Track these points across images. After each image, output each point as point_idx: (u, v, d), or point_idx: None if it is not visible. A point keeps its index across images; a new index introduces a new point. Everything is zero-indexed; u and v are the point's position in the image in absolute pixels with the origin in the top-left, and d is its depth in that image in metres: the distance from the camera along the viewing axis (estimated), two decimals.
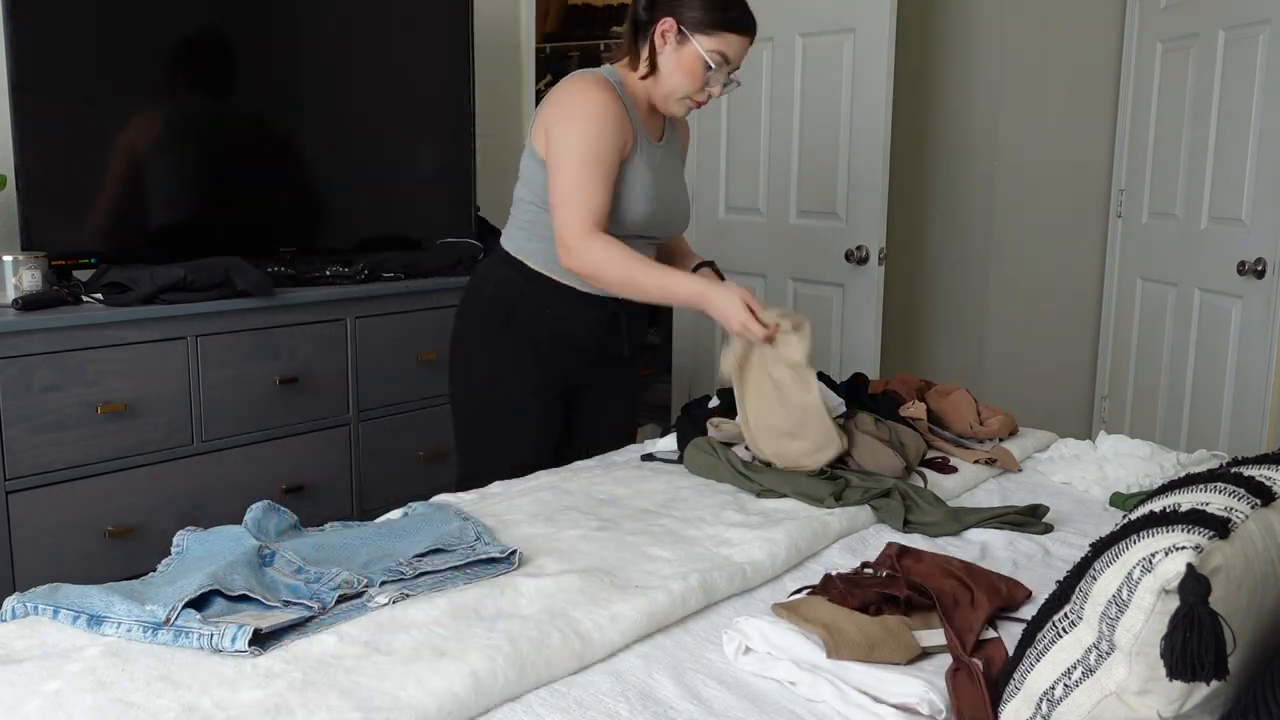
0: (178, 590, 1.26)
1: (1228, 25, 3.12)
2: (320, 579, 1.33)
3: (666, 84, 2.01)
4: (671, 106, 2.05)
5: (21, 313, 2.26)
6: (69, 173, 2.53)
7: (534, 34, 3.75)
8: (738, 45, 1.99)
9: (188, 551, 1.45)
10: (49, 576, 2.14)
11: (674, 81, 2.00)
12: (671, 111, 2.07)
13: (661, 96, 2.03)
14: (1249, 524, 1.00)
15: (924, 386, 2.31)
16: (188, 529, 1.50)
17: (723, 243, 3.74)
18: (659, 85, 2.02)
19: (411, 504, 1.68)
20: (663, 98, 2.03)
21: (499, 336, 2.10)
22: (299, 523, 1.60)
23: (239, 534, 1.47)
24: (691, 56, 1.97)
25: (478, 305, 2.14)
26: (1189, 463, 1.98)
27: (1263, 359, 2.98)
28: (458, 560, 1.40)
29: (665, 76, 2.01)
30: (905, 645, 1.23)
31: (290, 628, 1.22)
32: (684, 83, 2.00)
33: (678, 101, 2.03)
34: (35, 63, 2.44)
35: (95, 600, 1.25)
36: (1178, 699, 0.96)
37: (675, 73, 1.99)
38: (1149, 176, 3.53)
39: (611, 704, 1.15)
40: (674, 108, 2.05)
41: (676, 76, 1.99)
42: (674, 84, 2.01)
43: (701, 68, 1.98)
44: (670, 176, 2.13)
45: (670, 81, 2.01)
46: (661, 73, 2.01)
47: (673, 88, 2.01)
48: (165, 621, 1.20)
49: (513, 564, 1.43)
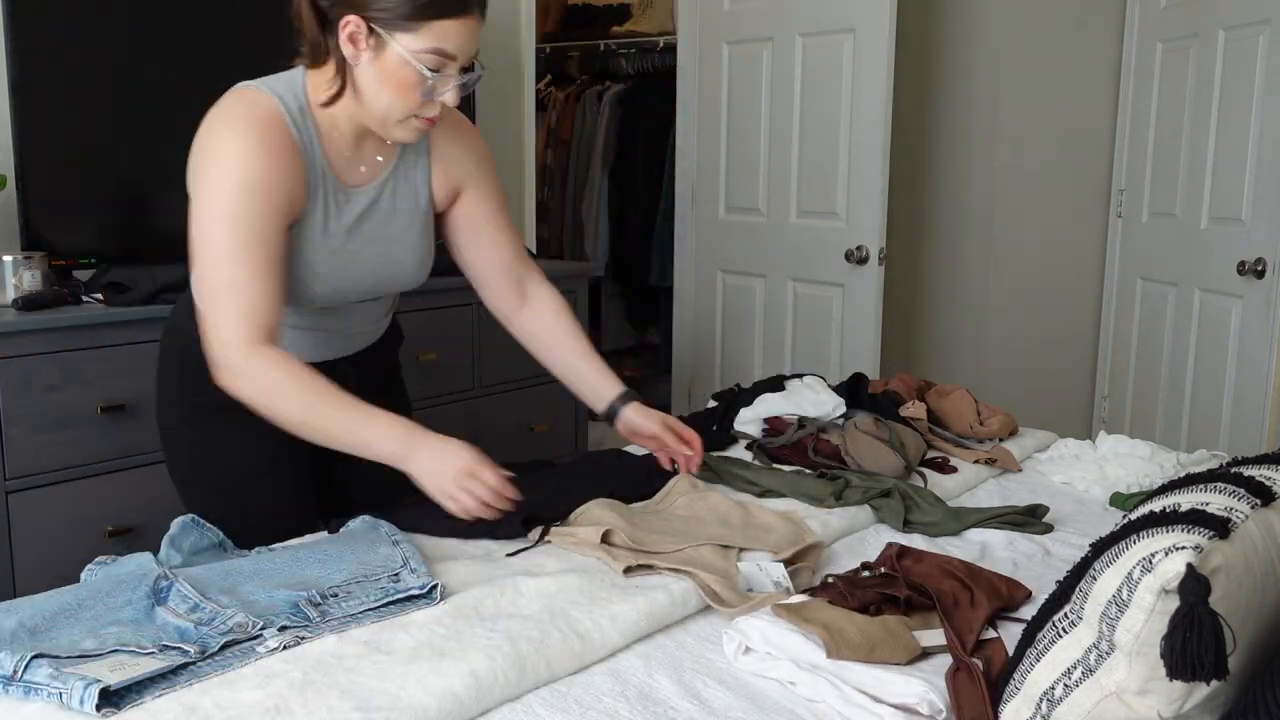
0: (37, 642, 1.17)
1: (1228, 25, 3.12)
2: (213, 619, 1.23)
3: (374, 105, 1.44)
4: (395, 133, 1.48)
5: (21, 313, 2.25)
6: (69, 173, 2.52)
7: (534, 34, 3.75)
8: (459, 32, 1.40)
9: (87, 585, 1.33)
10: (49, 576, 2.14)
11: (383, 100, 1.43)
12: (398, 138, 1.50)
13: (377, 122, 1.47)
14: (1249, 524, 1.00)
15: (924, 386, 2.31)
16: (99, 559, 1.42)
17: (723, 243, 3.75)
18: (364, 108, 1.45)
19: (351, 521, 1.56)
20: (379, 123, 1.47)
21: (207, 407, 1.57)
22: (224, 541, 1.52)
23: (144, 564, 1.38)
24: (397, 66, 1.40)
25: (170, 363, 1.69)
26: (1189, 463, 1.98)
27: (1263, 359, 2.98)
28: (372, 601, 1.30)
29: (370, 96, 1.43)
30: (905, 646, 1.23)
31: (160, 676, 1.12)
32: (397, 100, 1.43)
33: (398, 125, 1.46)
34: (35, 63, 2.43)
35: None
36: (1178, 699, 0.96)
37: (381, 89, 1.42)
38: (1149, 176, 3.53)
39: (611, 704, 1.15)
40: (400, 133, 1.48)
41: (384, 94, 1.42)
42: (384, 103, 1.43)
43: (415, 76, 1.40)
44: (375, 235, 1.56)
45: (378, 101, 1.43)
46: (363, 91, 1.43)
47: (385, 109, 1.44)
48: (12, 675, 1.09)
49: (434, 599, 1.32)
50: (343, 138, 1.52)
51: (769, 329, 3.64)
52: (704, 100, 3.73)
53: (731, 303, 3.76)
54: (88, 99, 2.55)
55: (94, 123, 2.56)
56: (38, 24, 2.43)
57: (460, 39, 1.41)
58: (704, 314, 3.85)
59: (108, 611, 1.27)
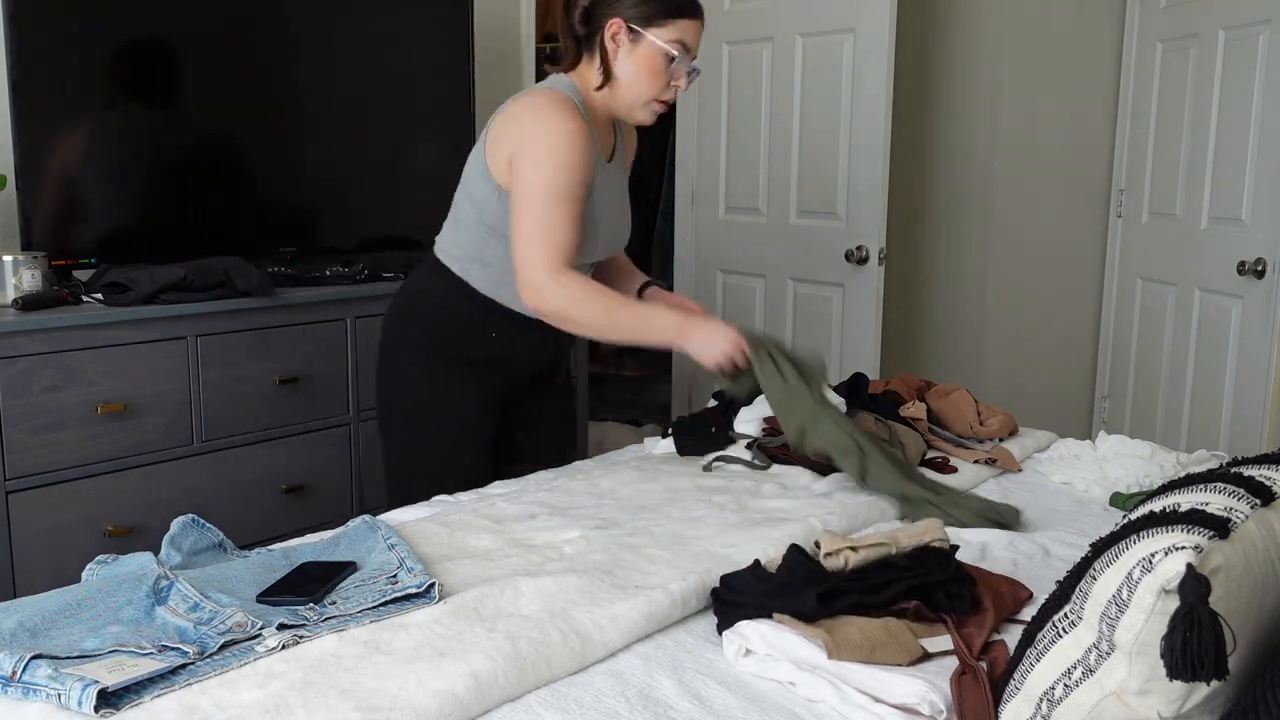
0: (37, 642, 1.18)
1: (1228, 25, 3.12)
2: (213, 619, 1.24)
3: (629, 91, 1.88)
4: (638, 114, 1.93)
5: (21, 313, 2.25)
6: (69, 173, 2.53)
7: (534, 34, 3.75)
8: (694, 30, 1.87)
9: (87, 585, 1.34)
10: (49, 576, 2.14)
11: (637, 86, 1.87)
12: (639, 120, 1.94)
13: (626, 106, 1.91)
14: (1249, 524, 1.00)
15: (924, 386, 2.31)
16: (99, 559, 1.43)
17: (723, 243, 3.75)
18: (619, 94, 1.89)
19: (351, 521, 1.60)
20: (627, 107, 1.91)
21: (436, 351, 2.00)
22: (224, 541, 1.53)
23: (145, 563, 1.39)
24: (650, 53, 1.84)
25: (413, 319, 2.03)
26: (1189, 463, 1.98)
27: (1263, 359, 2.98)
28: (370, 602, 1.31)
29: (626, 83, 1.88)
30: (906, 647, 1.22)
31: (160, 676, 1.12)
32: (647, 84, 1.87)
33: (643, 108, 1.91)
34: (35, 63, 2.43)
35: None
36: (1178, 699, 0.96)
37: (636, 76, 1.86)
38: (1149, 176, 3.53)
39: (611, 704, 1.15)
40: (641, 115, 1.93)
41: (639, 80, 1.87)
42: (637, 89, 1.88)
43: (663, 63, 1.85)
44: (615, 197, 2.01)
45: (633, 88, 1.88)
46: (620, 80, 1.87)
47: (637, 93, 1.88)
48: (11, 676, 1.10)
49: (432, 598, 1.33)
50: (599, 124, 1.94)
51: (769, 329, 3.64)
52: (704, 100, 3.73)
53: (731, 303, 3.76)
54: (88, 99, 2.55)
55: (94, 123, 2.56)
56: (38, 24, 2.43)
57: (693, 36, 1.87)
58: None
59: (108, 611, 1.27)
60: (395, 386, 2.06)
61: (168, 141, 2.69)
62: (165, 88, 2.67)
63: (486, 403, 2.04)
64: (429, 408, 2.02)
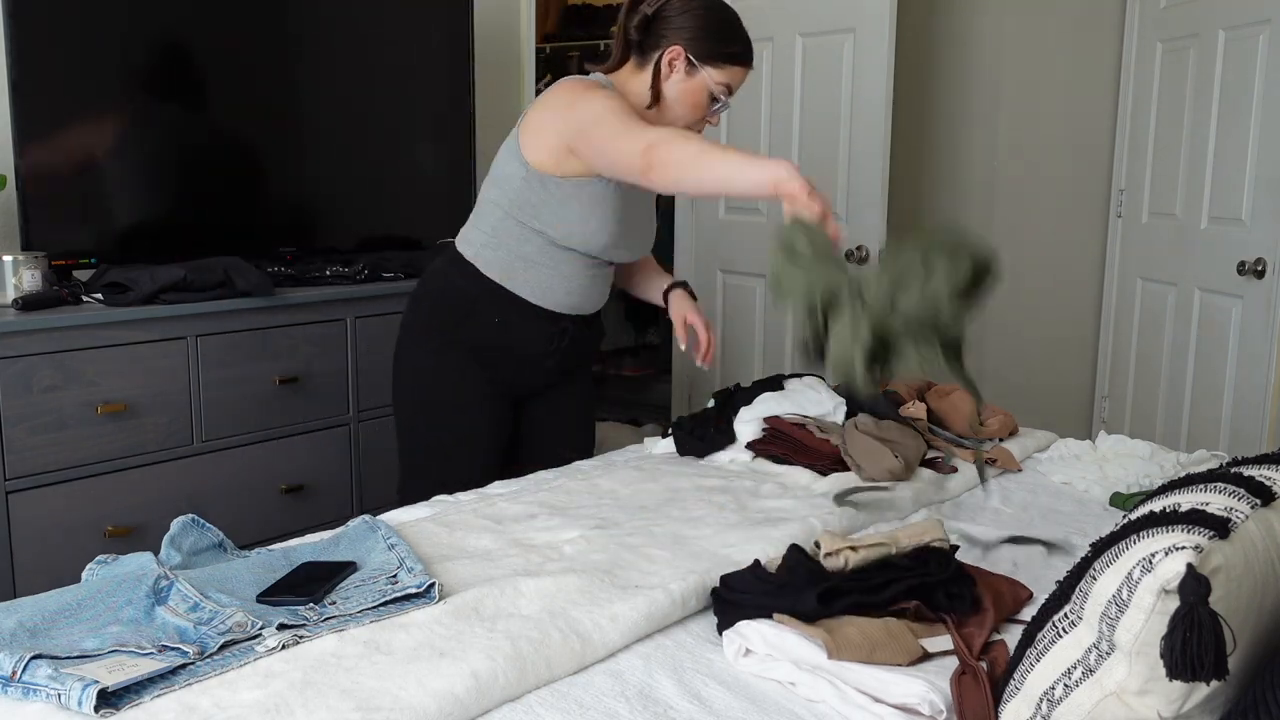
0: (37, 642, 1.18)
1: (1228, 25, 3.12)
2: (213, 619, 1.24)
3: (670, 114, 1.93)
4: None
5: (21, 313, 2.25)
6: (69, 173, 2.53)
7: (534, 34, 3.75)
8: (742, 77, 1.94)
9: (87, 585, 1.34)
10: (49, 576, 2.14)
11: (678, 111, 1.92)
12: None
13: (665, 124, 1.92)
14: (1249, 524, 1.00)
15: (924, 386, 2.31)
16: (99, 559, 1.43)
17: (723, 243, 3.75)
18: (661, 116, 1.93)
19: (351, 521, 1.60)
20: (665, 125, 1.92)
21: (448, 341, 2.04)
22: (224, 541, 1.53)
23: (145, 563, 1.38)
24: (699, 89, 1.90)
25: (427, 307, 2.08)
26: (1189, 463, 1.98)
27: (1263, 359, 2.98)
28: (370, 602, 1.32)
29: (669, 106, 1.92)
30: (906, 647, 1.22)
31: (159, 676, 1.12)
32: (686, 113, 1.93)
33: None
34: (35, 63, 2.43)
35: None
36: (1178, 699, 0.96)
37: (680, 103, 1.92)
38: (1149, 176, 3.53)
39: (611, 704, 1.15)
40: None
41: (681, 107, 1.92)
42: (677, 114, 1.93)
43: (706, 100, 1.91)
44: (642, 199, 2.03)
45: (675, 111, 1.93)
46: (666, 101, 1.92)
47: (676, 118, 1.93)
48: (11, 676, 1.10)
49: (431, 598, 1.33)
50: None
51: (769, 329, 3.64)
52: None
53: (731, 303, 3.76)
54: (88, 99, 2.55)
55: (94, 123, 2.56)
56: (38, 24, 2.43)
57: (740, 81, 1.94)
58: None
59: (108, 611, 1.27)
60: (402, 371, 2.10)
61: (168, 141, 2.69)
62: (165, 88, 2.67)
63: (492, 393, 2.06)
64: (434, 392, 2.06)
